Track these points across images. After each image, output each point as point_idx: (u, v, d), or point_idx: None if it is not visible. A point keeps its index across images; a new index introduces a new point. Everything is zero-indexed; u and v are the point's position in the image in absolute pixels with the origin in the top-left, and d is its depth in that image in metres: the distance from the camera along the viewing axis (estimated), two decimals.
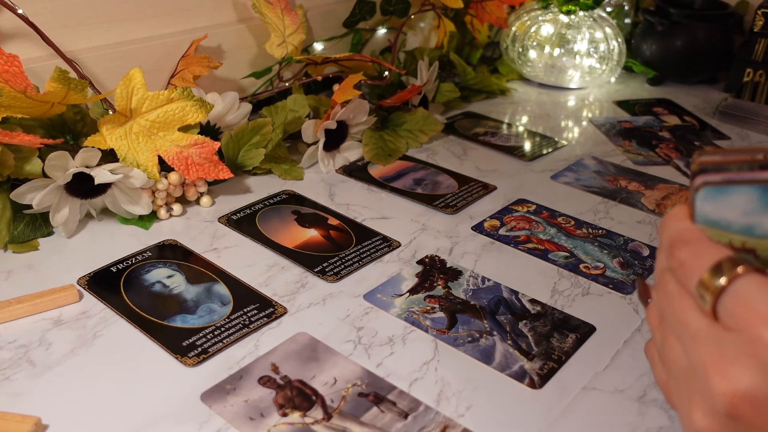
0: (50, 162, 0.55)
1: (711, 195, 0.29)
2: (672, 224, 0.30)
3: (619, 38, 1.01)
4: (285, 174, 0.72)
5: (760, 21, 0.92)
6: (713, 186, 0.28)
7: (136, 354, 0.47)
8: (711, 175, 0.28)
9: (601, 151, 0.83)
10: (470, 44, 1.04)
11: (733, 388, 0.25)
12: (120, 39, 0.72)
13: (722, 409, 0.25)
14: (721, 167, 0.28)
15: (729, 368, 0.25)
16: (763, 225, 0.28)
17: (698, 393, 0.27)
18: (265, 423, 0.41)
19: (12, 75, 0.53)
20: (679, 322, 0.28)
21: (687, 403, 0.28)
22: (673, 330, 0.29)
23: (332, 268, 0.57)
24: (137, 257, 0.58)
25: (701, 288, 0.27)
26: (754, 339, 0.24)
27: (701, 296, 0.27)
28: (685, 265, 0.28)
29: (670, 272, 0.30)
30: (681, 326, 0.28)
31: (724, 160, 0.28)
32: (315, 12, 0.88)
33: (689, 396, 0.27)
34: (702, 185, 0.29)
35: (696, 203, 0.29)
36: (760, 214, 0.27)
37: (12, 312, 0.50)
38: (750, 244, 0.28)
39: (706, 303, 0.27)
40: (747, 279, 0.25)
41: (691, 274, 0.28)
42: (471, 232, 0.64)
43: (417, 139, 0.81)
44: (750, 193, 0.28)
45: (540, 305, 0.53)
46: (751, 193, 0.28)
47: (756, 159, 0.28)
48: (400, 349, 0.48)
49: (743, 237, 0.28)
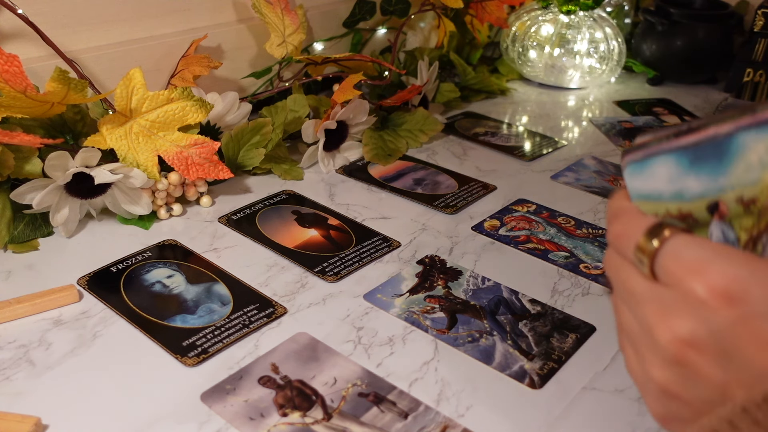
0: (50, 162, 0.55)
1: (636, 171, 0.31)
2: (610, 204, 0.33)
3: (619, 38, 1.00)
4: (285, 174, 0.72)
5: (760, 21, 0.92)
6: (636, 162, 0.31)
7: (136, 354, 0.47)
8: (633, 154, 0.31)
9: (601, 151, 0.83)
10: (470, 44, 1.04)
11: (675, 336, 0.27)
12: (120, 39, 0.72)
13: (671, 358, 0.28)
14: (642, 146, 0.30)
15: (670, 320, 0.27)
16: (689, 188, 0.29)
17: (650, 350, 0.29)
18: (265, 423, 0.41)
19: (12, 75, 0.53)
20: (625, 290, 0.31)
21: (644, 365, 0.30)
22: (622, 298, 0.31)
23: (332, 268, 0.57)
24: (137, 257, 0.58)
25: (638, 253, 0.29)
26: (687, 291, 0.27)
27: (639, 260, 0.29)
28: (620, 237, 0.31)
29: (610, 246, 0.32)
30: (627, 293, 0.30)
31: (647, 140, 0.30)
32: (315, 12, 0.88)
33: (644, 357, 0.30)
34: (626, 164, 0.31)
35: (626, 181, 0.31)
36: (683, 178, 0.29)
37: (12, 312, 0.50)
38: (685, 209, 0.29)
39: (644, 266, 0.29)
40: (675, 239, 0.28)
41: (626, 243, 0.30)
42: (471, 232, 0.64)
43: (417, 139, 0.81)
44: (667, 160, 0.29)
45: (540, 305, 0.53)
46: (669, 160, 0.29)
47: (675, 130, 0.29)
48: (400, 349, 0.48)
49: (677, 203, 0.30)
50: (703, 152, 0.28)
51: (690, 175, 0.29)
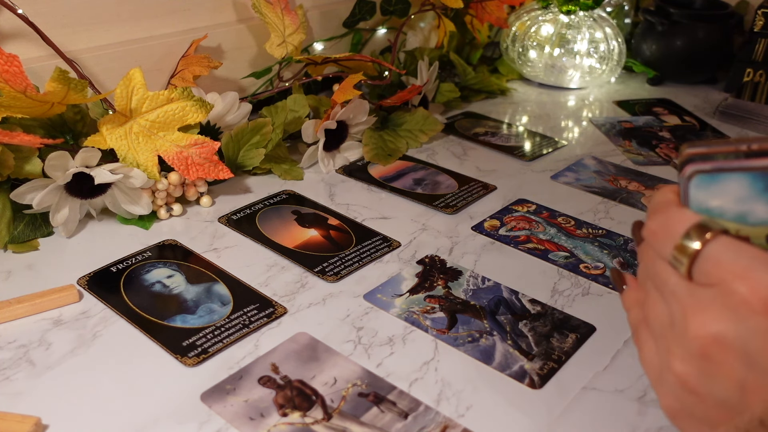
0: (50, 162, 0.55)
1: (704, 183, 0.29)
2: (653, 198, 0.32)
3: (619, 38, 1.00)
4: (285, 174, 0.72)
5: (760, 21, 0.92)
6: (705, 174, 0.29)
7: (136, 354, 0.47)
8: (701, 164, 0.29)
9: (601, 151, 0.83)
10: (470, 44, 1.04)
11: (707, 331, 0.27)
12: (120, 39, 0.72)
13: (696, 351, 0.28)
14: (709, 157, 0.29)
15: (704, 314, 0.28)
16: (755, 212, 0.28)
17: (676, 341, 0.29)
18: (265, 423, 0.41)
19: (12, 75, 0.53)
20: (661, 280, 0.31)
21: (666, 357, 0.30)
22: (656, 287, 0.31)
23: (332, 268, 0.57)
24: (137, 257, 0.58)
25: (677, 252, 0.29)
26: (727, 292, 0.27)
27: (677, 260, 0.29)
28: (656, 234, 0.31)
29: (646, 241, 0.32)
30: (662, 283, 0.30)
31: (710, 151, 0.29)
32: (315, 12, 0.88)
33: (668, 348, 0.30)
34: (694, 173, 0.30)
35: (690, 191, 0.30)
36: (752, 202, 0.28)
37: (12, 312, 0.50)
38: (744, 232, 0.29)
39: (682, 266, 0.29)
40: (717, 242, 0.28)
41: (663, 241, 0.30)
42: (471, 232, 0.64)
43: (417, 139, 0.81)
44: (741, 180, 0.28)
45: (540, 305, 0.53)
46: (742, 180, 0.28)
47: (740, 149, 0.28)
48: (400, 349, 0.48)
49: (737, 225, 0.29)
50: None
51: (762, 199, 0.28)
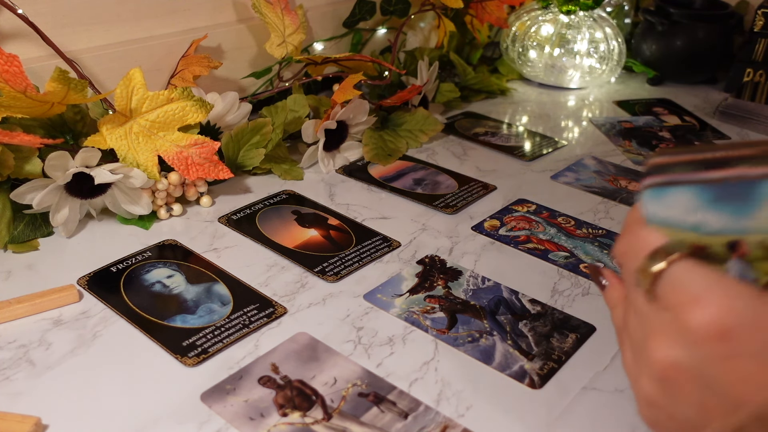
0: (50, 162, 0.55)
1: (655, 195, 0.30)
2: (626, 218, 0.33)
3: (619, 38, 1.00)
4: (285, 174, 0.72)
5: (760, 21, 0.92)
6: (655, 187, 0.30)
7: (136, 354, 0.47)
8: (655, 177, 0.30)
9: (601, 151, 0.83)
10: (470, 44, 1.04)
11: (664, 355, 0.29)
12: (120, 39, 0.72)
13: (656, 374, 0.29)
14: (667, 168, 0.29)
15: (661, 338, 0.29)
16: (708, 223, 0.28)
17: (643, 361, 0.30)
18: (265, 423, 0.41)
19: (12, 75, 0.53)
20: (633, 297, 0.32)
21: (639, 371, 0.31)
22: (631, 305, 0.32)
23: (332, 268, 0.57)
24: (137, 257, 0.58)
25: (639, 274, 0.30)
26: (682, 317, 0.28)
27: (639, 282, 0.30)
28: (624, 255, 0.32)
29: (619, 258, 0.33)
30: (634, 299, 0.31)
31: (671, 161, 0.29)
32: (315, 12, 0.88)
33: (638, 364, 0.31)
34: (648, 186, 0.30)
35: (646, 204, 0.30)
36: (703, 212, 0.28)
37: (12, 312, 0.50)
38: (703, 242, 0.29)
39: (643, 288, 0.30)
40: (677, 266, 0.28)
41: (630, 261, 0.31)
42: (471, 232, 0.64)
43: (417, 139, 0.81)
44: (687, 192, 0.28)
45: (540, 305, 0.53)
46: (689, 193, 0.28)
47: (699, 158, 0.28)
48: (400, 349, 0.48)
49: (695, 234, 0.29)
50: (727, 191, 0.27)
51: (711, 210, 0.28)
